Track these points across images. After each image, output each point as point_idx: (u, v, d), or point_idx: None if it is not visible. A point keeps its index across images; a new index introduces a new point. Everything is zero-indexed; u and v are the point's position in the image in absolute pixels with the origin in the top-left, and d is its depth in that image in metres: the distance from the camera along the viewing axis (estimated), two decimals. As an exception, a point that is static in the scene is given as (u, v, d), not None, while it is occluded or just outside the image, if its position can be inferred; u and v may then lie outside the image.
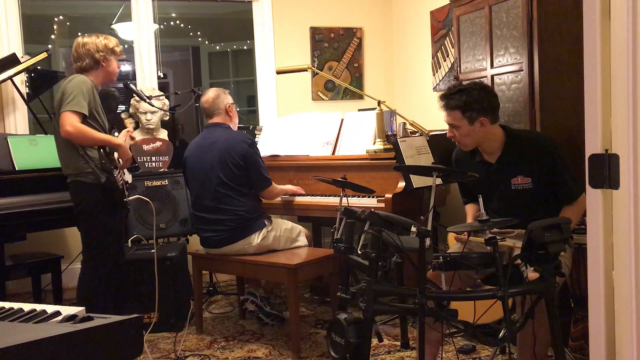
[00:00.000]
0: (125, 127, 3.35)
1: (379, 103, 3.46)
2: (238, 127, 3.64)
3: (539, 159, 2.49)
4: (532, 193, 2.52)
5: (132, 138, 3.34)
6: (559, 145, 2.55)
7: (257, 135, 4.37)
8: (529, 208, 2.52)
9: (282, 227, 3.42)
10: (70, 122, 2.86)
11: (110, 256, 3.13)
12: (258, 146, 4.08)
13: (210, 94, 3.45)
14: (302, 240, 3.49)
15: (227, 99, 3.45)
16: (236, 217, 3.26)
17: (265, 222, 3.35)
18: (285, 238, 3.42)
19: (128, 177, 3.20)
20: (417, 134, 3.64)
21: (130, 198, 3.09)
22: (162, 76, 5.00)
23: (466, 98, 2.49)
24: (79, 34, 6.37)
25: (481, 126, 2.50)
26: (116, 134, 3.38)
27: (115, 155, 3.09)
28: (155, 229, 3.88)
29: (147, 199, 3.27)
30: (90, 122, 2.98)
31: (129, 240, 3.77)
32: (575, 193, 2.47)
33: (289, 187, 3.66)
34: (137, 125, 4.35)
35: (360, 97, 5.06)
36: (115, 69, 3.18)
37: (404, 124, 3.76)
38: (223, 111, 3.42)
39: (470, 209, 2.84)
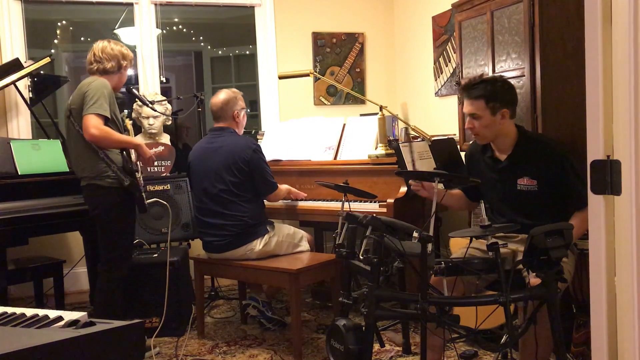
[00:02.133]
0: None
1: (381, 108, 3.46)
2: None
3: (548, 163, 2.50)
4: (536, 196, 2.52)
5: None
6: (570, 152, 2.55)
7: (259, 140, 4.38)
8: (532, 210, 2.52)
9: (284, 233, 3.42)
10: (95, 124, 2.89)
11: (128, 259, 3.19)
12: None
13: (220, 96, 3.41)
14: (305, 245, 3.49)
15: (237, 106, 3.41)
16: (239, 223, 3.26)
17: (268, 228, 3.35)
18: (287, 243, 3.41)
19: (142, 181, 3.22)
20: (418, 139, 3.64)
21: (149, 201, 3.11)
22: (164, 81, 5.01)
23: (491, 88, 2.52)
24: (82, 38, 6.42)
25: (502, 118, 2.53)
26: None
27: (133, 156, 3.12)
28: (157, 234, 3.89)
29: (165, 202, 3.29)
30: (110, 125, 3.00)
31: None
32: (586, 200, 2.46)
33: (293, 189, 3.66)
34: (140, 129, 4.36)
35: (362, 102, 5.07)
36: (125, 80, 3.27)
37: (406, 128, 3.76)
38: (230, 118, 3.41)
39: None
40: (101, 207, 3.09)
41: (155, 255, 3.62)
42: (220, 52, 7.65)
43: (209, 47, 7.70)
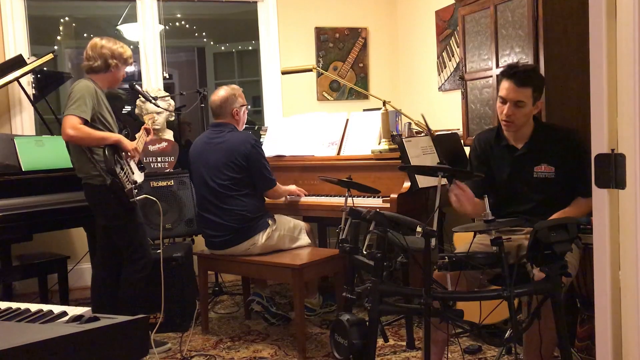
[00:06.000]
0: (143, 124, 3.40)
1: (384, 103, 3.45)
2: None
3: (567, 150, 2.51)
4: (554, 183, 2.52)
5: (148, 132, 3.36)
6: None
7: (262, 136, 4.37)
8: (549, 198, 2.51)
9: (286, 226, 3.42)
10: (72, 124, 2.89)
11: (143, 255, 3.19)
12: (263, 146, 4.09)
13: (220, 94, 3.41)
14: (304, 239, 3.49)
15: (236, 103, 3.41)
16: (239, 218, 3.26)
17: (269, 221, 3.35)
18: (288, 237, 3.42)
19: (138, 177, 3.21)
20: (422, 134, 3.63)
21: (137, 198, 3.10)
22: (167, 77, 5.01)
23: (538, 77, 2.54)
24: (85, 35, 6.43)
25: (535, 109, 2.55)
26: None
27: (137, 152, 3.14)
28: (161, 229, 3.89)
29: (155, 199, 3.28)
30: (95, 125, 3.00)
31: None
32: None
33: (293, 187, 3.66)
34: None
35: (366, 97, 5.06)
36: (122, 77, 3.24)
37: (409, 123, 3.75)
38: (229, 115, 3.41)
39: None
40: (98, 206, 3.12)
41: (159, 251, 3.62)
42: (223, 47, 7.65)
43: (211, 42, 7.69)
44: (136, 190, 3.09)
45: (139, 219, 3.19)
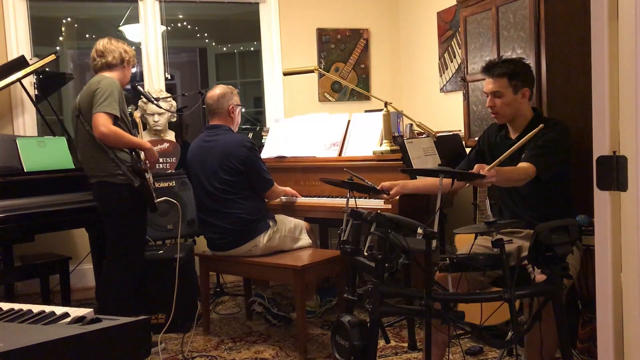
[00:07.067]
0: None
1: (386, 104, 3.45)
2: (244, 128, 3.63)
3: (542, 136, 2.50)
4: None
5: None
6: (568, 135, 2.56)
7: (263, 137, 4.37)
8: (535, 189, 2.51)
9: (287, 227, 3.42)
10: (104, 123, 2.90)
11: (141, 254, 3.21)
12: (264, 147, 4.10)
13: (216, 91, 3.41)
14: (305, 239, 3.48)
15: (232, 100, 3.41)
16: (239, 220, 3.26)
17: (270, 222, 3.35)
18: (290, 238, 3.42)
19: (152, 179, 3.24)
20: (424, 135, 3.63)
21: (158, 200, 3.11)
22: (169, 78, 5.02)
23: (513, 66, 2.57)
24: (87, 35, 6.44)
25: (522, 97, 2.57)
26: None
27: (142, 155, 3.15)
28: (163, 230, 3.90)
29: (175, 201, 3.29)
30: (119, 123, 3.01)
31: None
32: (537, 164, 2.42)
33: (288, 189, 3.66)
34: (145, 126, 4.37)
35: (367, 98, 5.06)
36: (129, 76, 3.27)
37: (411, 125, 3.75)
38: (225, 112, 3.40)
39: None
40: (113, 204, 3.11)
41: (161, 251, 3.63)
42: (224, 48, 7.65)
43: (213, 43, 7.70)
44: (154, 193, 3.13)
45: (147, 221, 3.22)
